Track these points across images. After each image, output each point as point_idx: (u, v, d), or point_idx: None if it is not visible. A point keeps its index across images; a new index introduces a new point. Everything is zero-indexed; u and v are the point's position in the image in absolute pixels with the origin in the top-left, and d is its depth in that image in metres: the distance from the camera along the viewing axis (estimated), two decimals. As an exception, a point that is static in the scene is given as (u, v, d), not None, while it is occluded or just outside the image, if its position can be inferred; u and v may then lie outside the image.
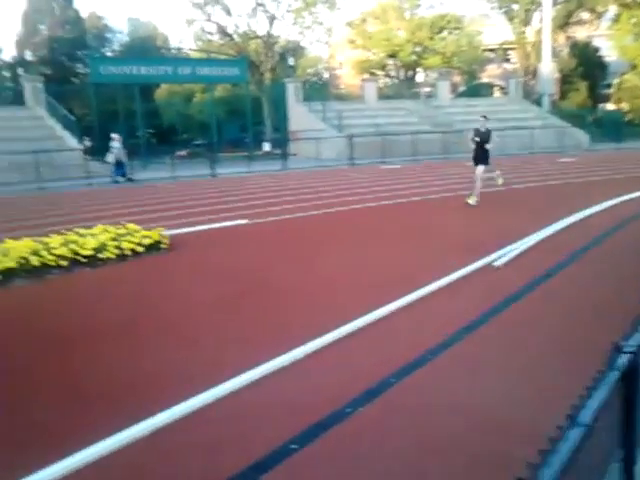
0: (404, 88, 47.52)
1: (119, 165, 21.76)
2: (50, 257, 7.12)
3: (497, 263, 6.79)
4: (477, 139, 11.70)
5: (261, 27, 43.21)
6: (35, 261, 6.95)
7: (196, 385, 3.75)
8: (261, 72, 42.80)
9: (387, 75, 52.51)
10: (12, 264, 6.76)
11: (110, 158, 21.72)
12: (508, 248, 7.46)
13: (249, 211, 12.20)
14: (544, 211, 10.99)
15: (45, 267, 7.05)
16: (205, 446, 3.16)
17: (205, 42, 44.58)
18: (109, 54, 50.41)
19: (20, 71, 39.00)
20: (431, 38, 47.03)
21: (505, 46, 51.42)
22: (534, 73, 44.08)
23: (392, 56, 48.74)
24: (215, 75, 33.23)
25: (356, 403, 3.50)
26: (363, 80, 40.17)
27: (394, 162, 26.05)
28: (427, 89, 50.70)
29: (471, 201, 11.52)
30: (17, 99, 30.34)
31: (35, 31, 48.77)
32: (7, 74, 48.11)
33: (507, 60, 55.30)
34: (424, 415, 3.40)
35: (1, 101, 32.54)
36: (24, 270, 6.85)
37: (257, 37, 43.02)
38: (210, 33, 44.79)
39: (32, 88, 28.57)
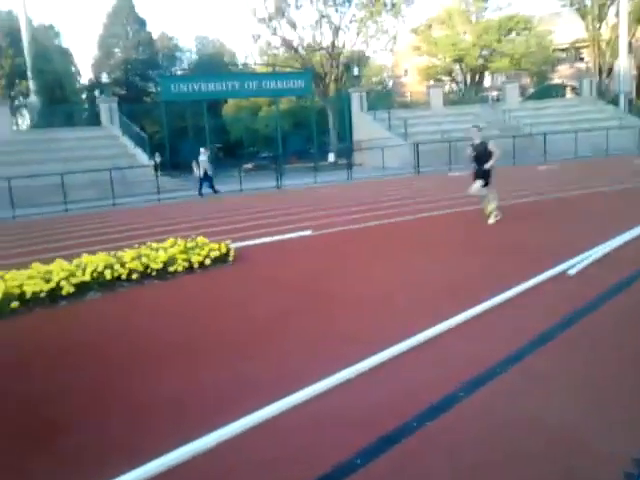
0: (471, 93, 46.59)
1: (207, 178, 22.03)
2: (122, 270, 7.36)
3: (572, 271, 6.48)
4: (473, 154, 10.28)
5: (325, 38, 43.59)
6: (108, 275, 7.20)
7: (260, 398, 3.74)
8: (326, 83, 43.07)
9: (453, 80, 51.66)
10: (87, 278, 7.03)
11: (199, 172, 22.00)
12: (585, 255, 7.13)
13: (314, 222, 12.21)
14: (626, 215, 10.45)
15: (117, 280, 7.30)
16: (269, 460, 3.13)
17: (270, 56, 45.37)
18: (179, 72, 52.29)
19: (97, 93, 41.09)
20: (499, 41, 45.91)
21: (577, 45, 49.48)
22: (609, 71, 42.21)
23: (458, 61, 47.92)
24: (281, 88, 33.76)
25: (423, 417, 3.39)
26: (428, 86, 39.69)
27: (461, 169, 25.50)
28: (495, 93, 49.59)
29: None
30: (94, 119, 31.92)
31: (110, 54, 51.25)
32: (84, 96, 50.72)
33: (580, 59, 53.26)
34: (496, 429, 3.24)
35: (80, 122, 34.27)
36: (98, 283, 7.11)
37: (321, 49, 43.37)
38: (275, 47, 45.58)
39: (107, 109, 29.98)
